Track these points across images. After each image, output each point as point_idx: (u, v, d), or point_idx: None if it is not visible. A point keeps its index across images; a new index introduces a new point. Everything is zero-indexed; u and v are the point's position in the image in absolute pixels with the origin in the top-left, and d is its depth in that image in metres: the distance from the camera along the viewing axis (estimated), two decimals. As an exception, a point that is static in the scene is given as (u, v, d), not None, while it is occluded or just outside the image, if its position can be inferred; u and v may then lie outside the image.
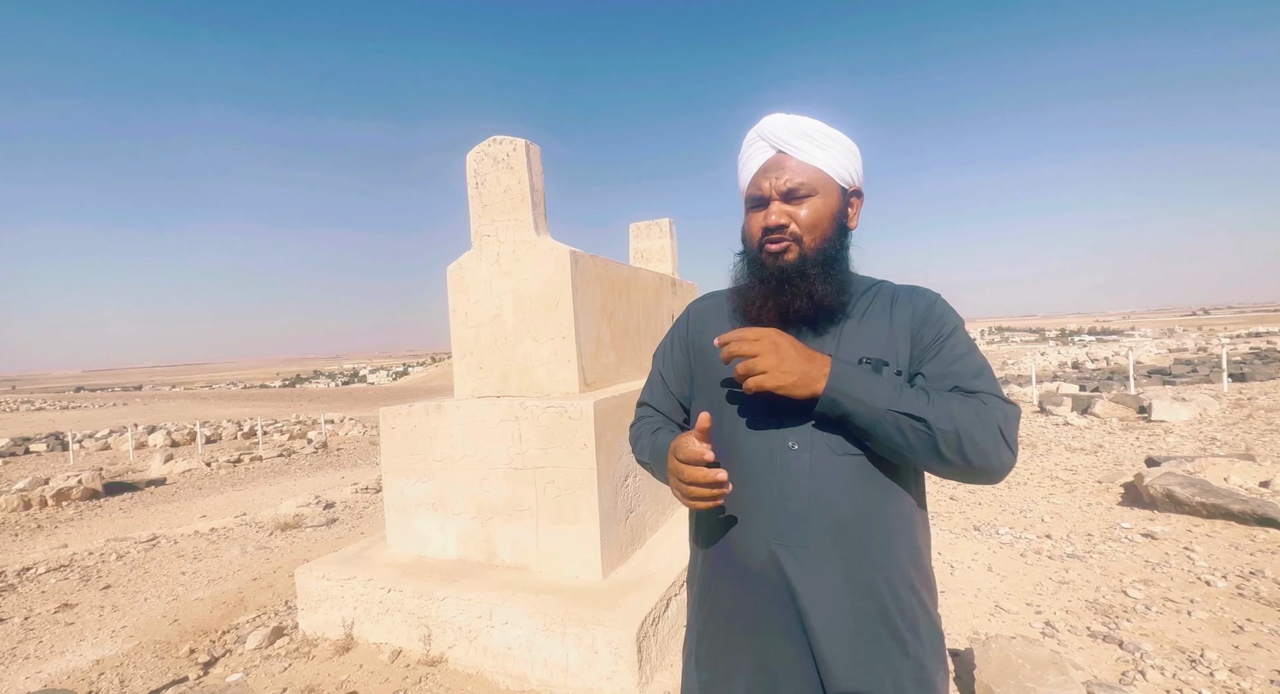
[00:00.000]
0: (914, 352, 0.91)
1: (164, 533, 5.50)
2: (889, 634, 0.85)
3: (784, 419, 0.90)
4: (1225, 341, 25.95)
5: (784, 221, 0.91)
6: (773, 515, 0.88)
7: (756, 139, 0.96)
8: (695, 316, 1.09)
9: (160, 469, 10.81)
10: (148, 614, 3.44)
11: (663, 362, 1.13)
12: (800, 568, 0.86)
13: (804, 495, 0.87)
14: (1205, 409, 7.56)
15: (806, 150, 0.92)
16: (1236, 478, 4.13)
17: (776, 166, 0.92)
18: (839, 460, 0.88)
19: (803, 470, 0.88)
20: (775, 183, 0.92)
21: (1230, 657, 2.17)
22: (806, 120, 0.94)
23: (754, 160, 0.95)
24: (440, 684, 2.37)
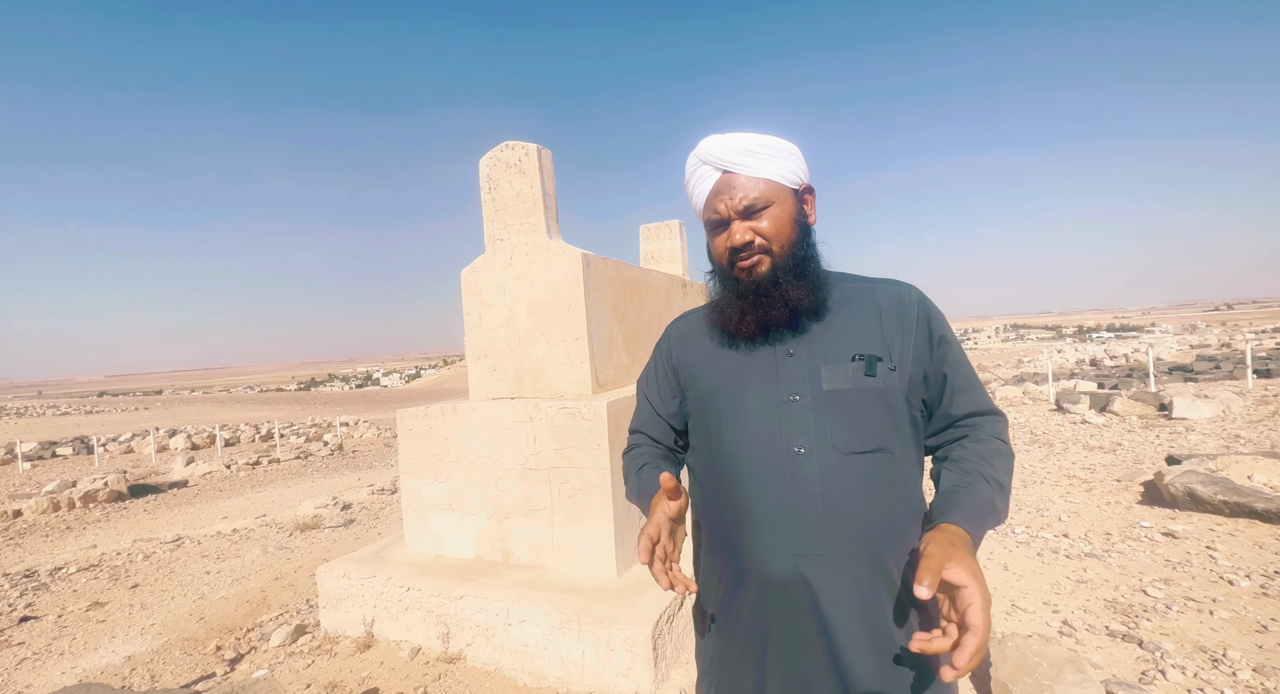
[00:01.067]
0: (916, 347, 0.92)
1: (188, 534, 5.63)
2: (906, 635, 0.84)
3: (784, 424, 0.90)
4: (1250, 337, 25.37)
5: (749, 238, 0.92)
6: (789, 525, 0.86)
7: (699, 164, 0.97)
8: (677, 338, 1.09)
9: (182, 471, 11.04)
10: (175, 612, 3.53)
11: (648, 386, 1.11)
12: (822, 576, 0.85)
13: (817, 500, 0.86)
14: (1229, 406, 7.41)
15: (751, 165, 0.93)
16: (1261, 476, 4.06)
17: (727, 187, 0.93)
18: (846, 460, 0.87)
19: (812, 474, 0.87)
20: (731, 203, 0.93)
21: (1254, 656, 2.14)
22: (743, 136, 0.95)
23: (703, 184, 0.96)
24: (459, 681, 2.41)
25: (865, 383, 0.89)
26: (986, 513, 0.85)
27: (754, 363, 0.95)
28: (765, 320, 0.93)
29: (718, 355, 1.00)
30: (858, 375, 0.89)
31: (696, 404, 1.01)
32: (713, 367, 1.00)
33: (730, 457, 0.92)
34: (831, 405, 0.89)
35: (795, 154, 0.97)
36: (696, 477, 1.02)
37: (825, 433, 0.88)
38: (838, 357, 0.91)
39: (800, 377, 0.91)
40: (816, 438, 0.88)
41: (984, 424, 0.93)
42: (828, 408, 0.89)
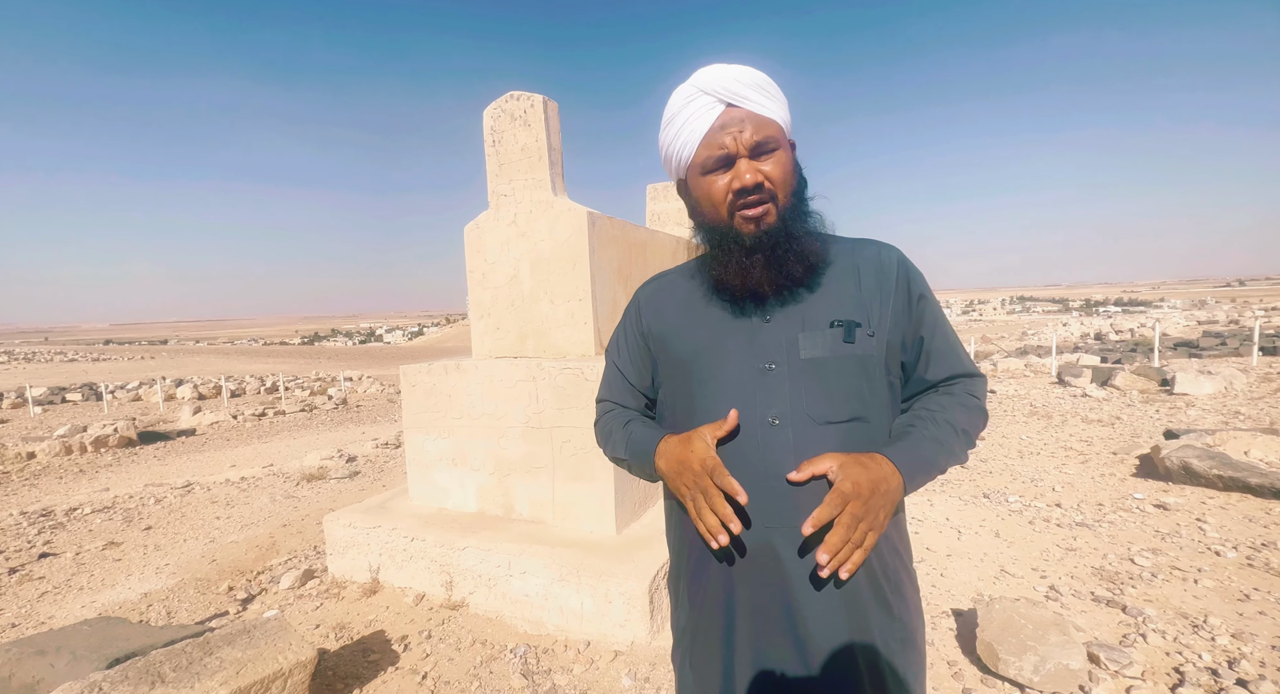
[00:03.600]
0: (895, 310, 0.90)
1: (197, 480, 5.78)
2: (876, 600, 0.85)
3: (759, 394, 0.86)
4: (1259, 314, 25.11)
5: (759, 180, 0.83)
6: (762, 497, 0.84)
7: (698, 94, 0.85)
8: (647, 303, 1.01)
9: (190, 420, 11.24)
10: (187, 554, 3.65)
11: (618, 355, 1.05)
12: (792, 549, 0.83)
13: (791, 471, 0.83)
14: (1231, 382, 7.40)
15: (760, 102, 0.84)
16: (1258, 452, 4.08)
17: (735, 121, 0.83)
18: (820, 430, 0.85)
19: (786, 445, 0.84)
20: (741, 138, 0.82)
21: (1234, 623, 2.20)
22: (752, 70, 0.86)
23: (702, 118, 0.84)
24: (462, 626, 2.51)
25: (844, 350, 0.85)
26: (925, 446, 0.84)
27: (730, 330, 0.90)
28: (780, 278, 0.85)
29: (691, 321, 0.93)
30: (836, 342, 0.86)
31: (668, 372, 0.96)
32: (686, 333, 0.93)
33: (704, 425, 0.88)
34: (808, 374, 0.85)
35: (787, 103, 0.89)
36: None
37: (801, 403, 0.85)
38: (816, 323, 0.86)
39: (777, 344, 0.87)
40: (792, 408, 0.85)
41: (958, 383, 0.92)
42: (804, 377, 0.85)
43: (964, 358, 0.94)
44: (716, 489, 0.81)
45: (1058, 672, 1.82)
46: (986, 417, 0.94)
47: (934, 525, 3.39)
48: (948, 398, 0.90)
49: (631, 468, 0.97)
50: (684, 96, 0.86)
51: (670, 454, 0.87)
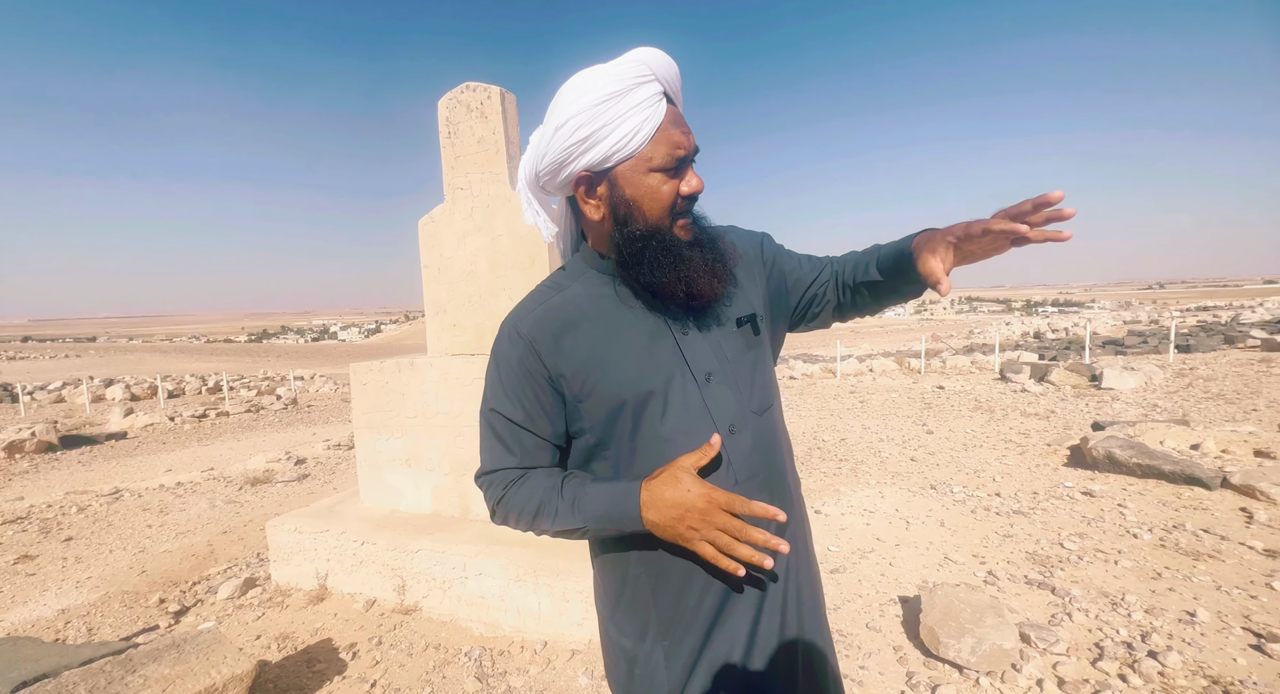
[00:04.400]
0: (771, 275, 0.95)
1: (127, 486, 5.40)
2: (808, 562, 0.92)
3: (710, 405, 0.83)
4: (1175, 315, 27.23)
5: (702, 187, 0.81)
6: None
7: (650, 77, 0.75)
8: (544, 339, 0.84)
9: (120, 423, 10.50)
10: (113, 566, 3.42)
11: (514, 408, 0.85)
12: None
13: (760, 473, 0.84)
14: (1151, 378, 7.99)
15: (680, 100, 0.81)
16: (1171, 441, 4.42)
17: (682, 121, 0.78)
18: (761, 420, 0.87)
19: (746, 447, 0.84)
20: (691, 139, 0.78)
21: (1147, 599, 2.38)
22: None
23: (654, 108, 0.75)
24: (415, 631, 2.44)
25: (755, 342, 0.89)
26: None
27: (659, 350, 0.83)
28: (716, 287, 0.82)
29: (614, 351, 0.82)
30: (747, 337, 0.88)
31: (601, 413, 0.83)
32: (614, 366, 0.82)
33: (668, 456, 0.81)
34: (739, 373, 0.86)
35: None
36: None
37: (744, 401, 0.85)
38: (727, 325, 0.87)
39: (705, 353, 0.84)
40: (740, 410, 0.84)
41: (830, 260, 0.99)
42: (737, 376, 0.85)
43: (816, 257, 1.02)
44: (740, 522, 0.75)
45: (993, 652, 1.92)
46: None
47: (885, 517, 3.52)
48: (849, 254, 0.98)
49: (590, 534, 0.83)
50: (634, 76, 0.74)
51: (660, 503, 0.76)
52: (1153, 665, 1.94)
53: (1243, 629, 2.15)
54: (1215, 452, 4.22)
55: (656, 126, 0.76)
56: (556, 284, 0.89)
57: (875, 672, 2.03)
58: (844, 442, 5.65)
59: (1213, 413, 5.90)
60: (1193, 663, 1.96)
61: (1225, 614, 2.25)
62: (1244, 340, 12.17)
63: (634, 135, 0.75)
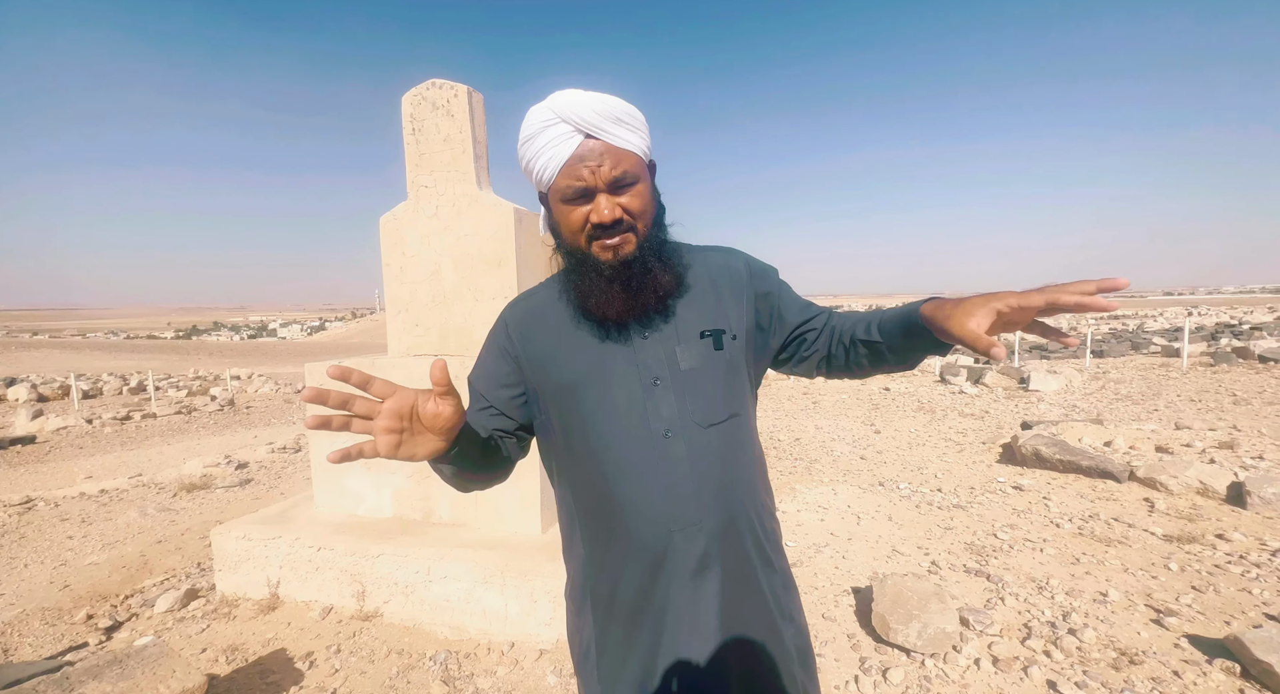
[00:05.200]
0: (759, 305, 0.98)
1: (41, 495, 4.96)
2: (760, 559, 0.95)
3: (648, 408, 0.89)
4: (1091, 322, 29.69)
5: (618, 215, 0.85)
6: (667, 505, 0.88)
7: (555, 121, 0.84)
8: (517, 327, 0.96)
9: (27, 426, 9.59)
10: (30, 581, 3.15)
11: (481, 379, 0.97)
12: (694, 543, 0.89)
13: (688, 477, 0.88)
14: (1070, 381, 8.71)
15: (618, 134, 0.85)
16: (1088, 439, 4.86)
17: (592, 154, 0.84)
18: (707, 433, 0.90)
19: (680, 454, 0.89)
20: (600, 173, 0.84)
21: (1068, 583, 2.63)
22: (612, 100, 0.86)
23: (559, 146, 0.84)
24: (376, 637, 2.39)
25: (715, 357, 0.92)
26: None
27: (611, 350, 0.91)
28: (636, 306, 0.89)
29: (570, 344, 0.93)
30: (708, 350, 0.92)
31: (552, 397, 0.93)
32: (566, 358, 0.93)
33: (599, 448, 0.90)
34: (690, 383, 0.90)
35: (646, 125, 0.91)
36: (558, 473, 0.99)
37: (687, 411, 0.90)
38: (688, 335, 0.92)
39: (658, 359, 0.91)
40: (680, 417, 0.89)
41: (830, 313, 1.02)
42: (686, 386, 0.90)
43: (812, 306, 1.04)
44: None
45: (936, 635, 2.08)
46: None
47: (838, 513, 3.71)
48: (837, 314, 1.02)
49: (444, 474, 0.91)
50: (541, 120, 0.85)
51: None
52: (1072, 641, 2.15)
53: (1145, 606, 2.41)
54: (1125, 448, 4.67)
55: (562, 163, 0.85)
56: (547, 283, 1.00)
57: (831, 658, 2.15)
58: (798, 441, 5.88)
59: (1122, 412, 6.51)
60: (1105, 637, 2.19)
61: (1132, 593, 2.51)
62: (1147, 347, 13.44)
63: (544, 170, 0.86)
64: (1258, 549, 2.84)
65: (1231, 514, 3.30)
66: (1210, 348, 11.47)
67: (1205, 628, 2.21)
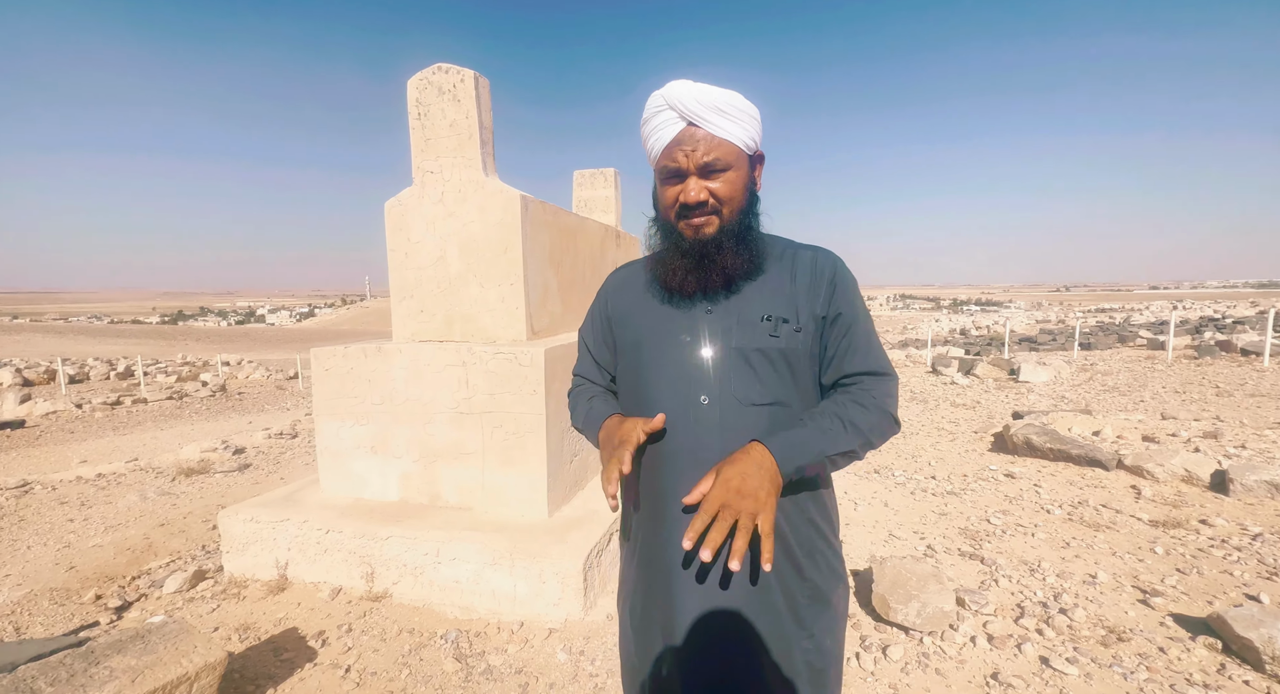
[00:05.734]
0: (818, 309, 0.98)
1: (37, 479, 4.93)
2: (788, 562, 0.95)
3: (694, 376, 0.97)
4: (1079, 316, 30.09)
5: (703, 198, 0.93)
6: (688, 468, 0.94)
7: (664, 107, 0.94)
8: (612, 289, 1.14)
9: (15, 410, 9.47)
10: (35, 563, 3.15)
11: (589, 336, 1.18)
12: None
13: (715, 447, 0.94)
14: (1059, 372, 8.86)
15: (717, 124, 0.92)
16: (1078, 428, 4.97)
17: (690, 140, 0.92)
18: (745, 411, 0.95)
19: (713, 422, 0.95)
20: (693, 157, 0.92)
21: (1058, 566, 2.72)
22: (715, 91, 0.93)
23: (664, 130, 0.94)
24: (386, 617, 2.43)
25: (769, 342, 0.96)
26: (806, 437, 0.91)
27: (677, 317, 1.00)
28: (703, 283, 0.97)
29: (646, 308, 1.05)
30: (763, 335, 0.96)
31: (623, 353, 1.08)
32: (639, 319, 1.05)
33: (648, 404, 1.00)
34: (738, 361, 0.96)
35: (755, 118, 0.96)
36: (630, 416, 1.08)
37: (729, 386, 0.95)
38: (750, 317, 0.97)
39: (714, 333, 0.97)
40: (720, 390, 0.95)
41: (867, 382, 0.98)
42: (734, 363, 0.96)
43: (875, 358, 0.99)
44: (617, 460, 0.92)
45: (935, 614, 2.16)
46: (886, 414, 0.97)
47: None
48: (846, 394, 0.98)
49: (587, 437, 1.12)
50: (653, 106, 0.96)
51: (608, 429, 1.03)
52: (1063, 620, 2.24)
53: (1132, 587, 2.50)
54: (1112, 437, 4.79)
55: (664, 145, 0.96)
56: (644, 259, 1.12)
57: (831, 636, 2.22)
58: (794, 429, 5.96)
59: (1109, 403, 6.65)
60: (1094, 616, 2.28)
61: (1119, 575, 2.61)
62: (1134, 340, 13.66)
63: (653, 150, 0.98)
64: (1239, 534, 2.95)
65: (1215, 500, 3.42)
66: (1194, 341, 11.71)
67: (1189, 607, 2.31)
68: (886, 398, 0.98)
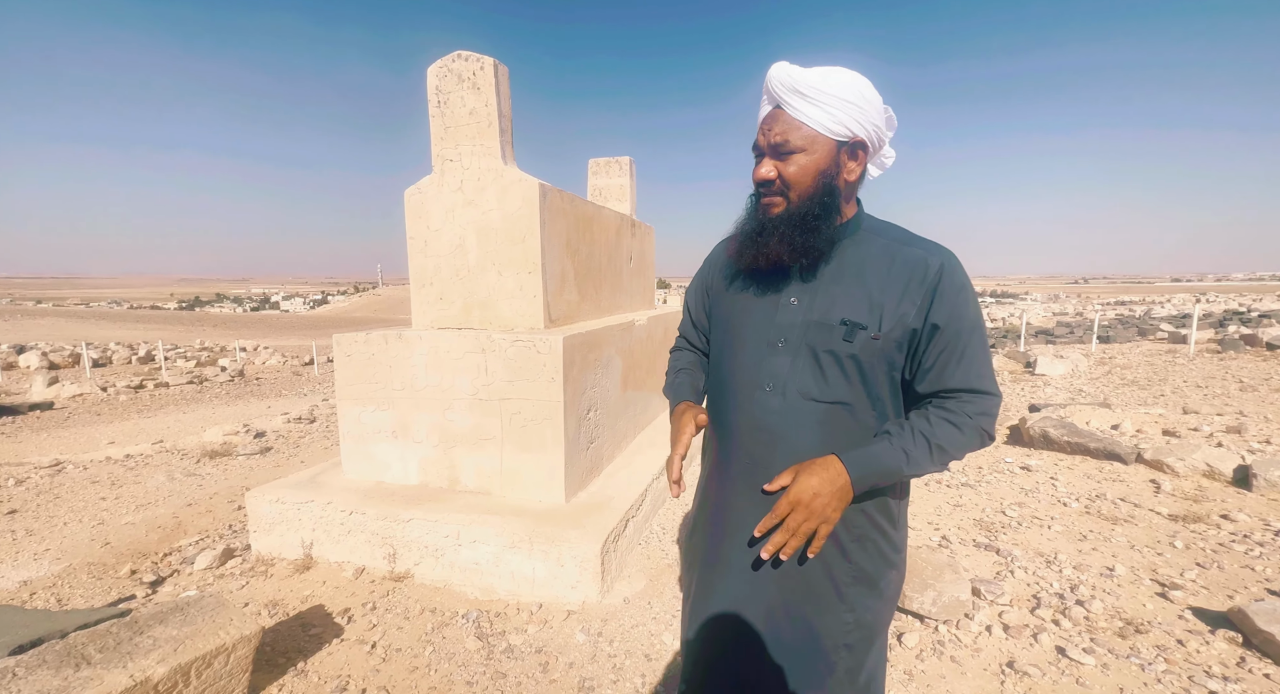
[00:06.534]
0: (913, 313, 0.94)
1: (68, 458, 5.09)
2: (834, 546, 0.98)
3: (765, 364, 1.01)
4: (1097, 308, 29.53)
5: (770, 177, 0.97)
6: (745, 444, 1.03)
7: (764, 90, 0.99)
8: (715, 259, 1.20)
9: (44, 392, 9.75)
10: (72, 538, 3.27)
11: (692, 300, 1.26)
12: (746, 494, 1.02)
13: (770, 430, 1.00)
14: (1077, 365, 8.73)
15: (797, 107, 0.94)
16: (1095, 422, 4.92)
17: (770, 120, 0.97)
18: (805, 404, 0.98)
19: (772, 408, 1.00)
20: (767, 138, 0.97)
21: (1075, 558, 2.71)
22: (802, 74, 0.93)
23: (761, 110, 1.00)
24: (409, 596, 2.49)
25: (841, 346, 0.96)
26: (885, 454, 0.93)
27: (760, 303, 1.05)
28: (760, 261, 1.01)
29: (736, 286, 1.10)
30: (837, 339, 0.96)
31: (715, 324, 1.17)
32: (730, 297, 1.11)
33: (723, 378, 1.09)
34: (807, 357, 0.98)
35: (853, 104, 0.93)
36: (709, 385, 1.18)
37: (795, 379, 0.99)
38: (828, 316, 0.97)
39: (791, 326, 1.00)
40: (786, 381, 0.99)
41: (965, 398, 0.95)
42: (803, 358, 0.99)
43: (977, 373, 0.95)
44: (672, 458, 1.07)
45: (951, 603, 2.17)
46: (983, 435, 0.95)
47: (847, 488, 3.79)
48: (941, 412, 0.95)
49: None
50: (764, 89, 1.00)
51: (676, 414, 1.13)
52: (1080, 611, 2.24)
53: (1151, 580, 2.49)
54: (1131, 431, 4.73)
55: (758, 124, 1.01)
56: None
57: (846, 623, 2.24)
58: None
59: (1128, 397, 6.55)
60: (1111, 608, 2.28)
61: (1137, 568, 2.60)
62: (1154, 333, 13.41)
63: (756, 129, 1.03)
64: (1261, 529, 2.92)
65: (1237, 495, 3.38)
66: (1217, 335, 11.46)
67: (1209, 601, 2.30)
68: (984, 417, 0.95)
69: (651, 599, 2.42)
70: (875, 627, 1.04)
